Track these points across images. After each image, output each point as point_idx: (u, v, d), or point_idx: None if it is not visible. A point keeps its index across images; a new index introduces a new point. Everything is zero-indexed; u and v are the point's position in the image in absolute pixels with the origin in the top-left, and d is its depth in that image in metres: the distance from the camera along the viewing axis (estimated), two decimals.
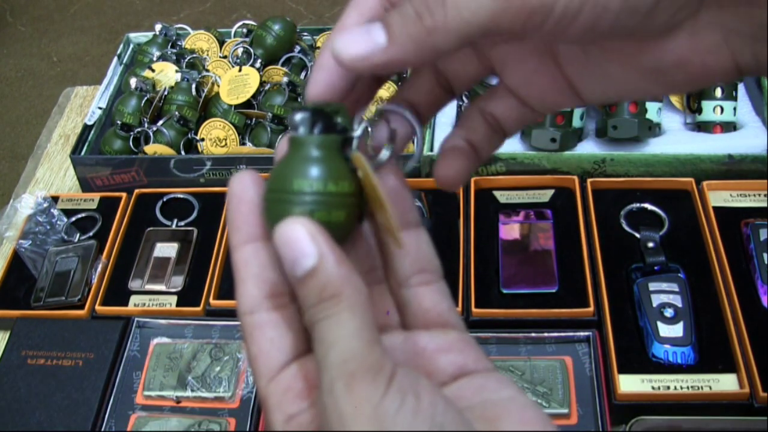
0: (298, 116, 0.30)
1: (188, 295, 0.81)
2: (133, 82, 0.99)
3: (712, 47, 0.29)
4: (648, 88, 0.31)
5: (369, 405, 0.25)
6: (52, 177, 1.01)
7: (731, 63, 0.29)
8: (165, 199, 0.90)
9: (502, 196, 0.85)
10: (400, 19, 0.28)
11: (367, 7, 0.31)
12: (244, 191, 0.31)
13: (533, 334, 0.72)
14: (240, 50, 1.03)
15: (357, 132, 0.31)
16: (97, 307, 0.80)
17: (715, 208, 0.80)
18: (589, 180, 0.83)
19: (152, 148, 0.93)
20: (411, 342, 0.32)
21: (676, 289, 0.72)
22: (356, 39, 0.29)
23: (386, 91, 0.94)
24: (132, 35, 1.12)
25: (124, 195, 0.91)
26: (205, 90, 0.99)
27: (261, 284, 0.30)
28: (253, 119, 0.97)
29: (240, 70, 0.99)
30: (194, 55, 1.05)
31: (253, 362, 0.30)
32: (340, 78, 0.31)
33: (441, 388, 0.30)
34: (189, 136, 0.96)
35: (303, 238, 0.28)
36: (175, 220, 0.88)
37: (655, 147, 0.85)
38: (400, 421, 0.25)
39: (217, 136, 0.94)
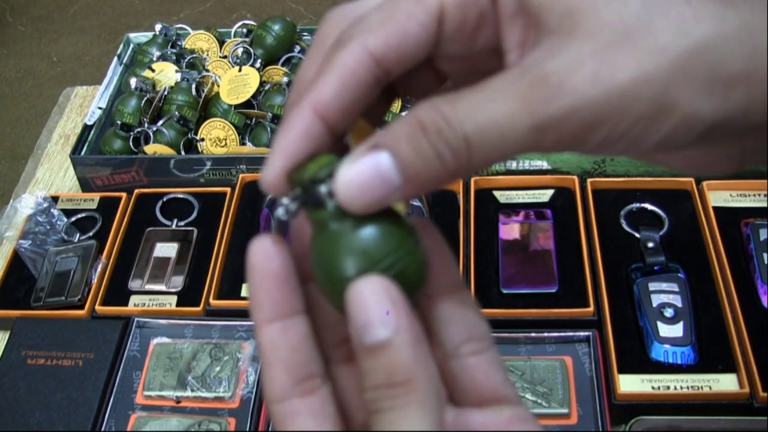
0: (312, 191, 0.27)
1: (188, 295, 0.81)
2: (133, 82, 0.99)
3: (723, 158, 0.28)
4: (635, 158, 0.30)
5: None
6: (52, 177, 1.01)
7: (739, 165, 0.28)
8: (165, 199, 0.90)
9: (502, 196, 0.85)
10: (416, 159, 0.25)
11: (352, 72, 0.27)
12: (266, 262, 0.28)
13: (533, 334, 0.72)
14: (240, 50, 1.03)
15: None
16: (97, 307, 0.80)
17: (715, 208, 0.80)
18: (589, 180, 0.84)
19: (152, 148, 0.93)
20: (463, 422, 0.29)
21: (676, 289, 0.72)
22: (365, 179, 0.25)
23: None
24: (132, 35, 1.12)
25: (124, 195, 0.91)
26: (205, 90, 0.99)
27: (291, 369, 0.27)
28: (253, 119, 0.97)
29: (240, 70, 0.99)
30: (194, 55, 1.05)
31: None
32: (322, 135, 0.27)
33: None
34: (189, 136, 0.96)
35: (381, 303, 0.25)
36: (175, 220, 0.88)
37: (659, 150, 0.85)
38: None
39: (217, 136, 0.94)
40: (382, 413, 0.25)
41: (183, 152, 0.94)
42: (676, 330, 0.70)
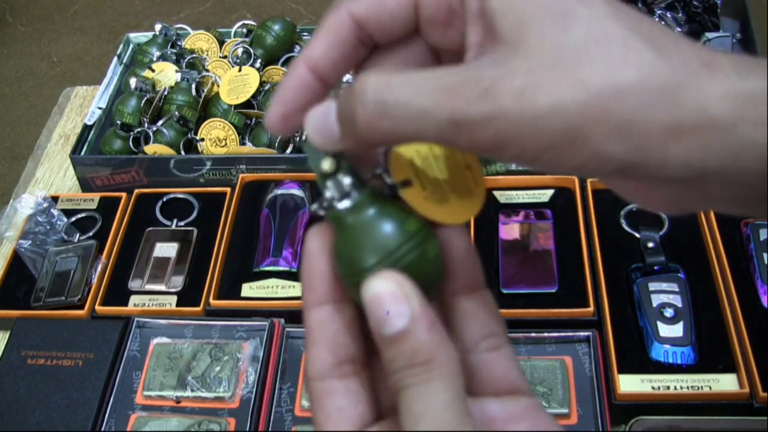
0: (332, 190, 0.29)
1: (188, 295, 0.81)
2: (133, 82, 0.99)
3: (661, 199, 0.29)
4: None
5: None
6: (52, 177, 1.01)
7: (677, 209, 0.29)
8: (165, 199, 0.90)
9: (502, 196, 0.85)
10: (341, 112, 0.28)
11: (338, 32, 0.30)
12: (321, 248, 0.30)
13: (533, 334, 0.72)
14: (240, 50, 1.03)
15: (379, 171, 0.30)
16: (97, 307, 0.80)
17: None
18: (589, 180, 0.83)
19: (152, 148, 0.93)
20: (480, 410, 0.30)
21: (676, 289, 0.72)
22: (320, 124, 0.29)
23: None
24: (132, 35, 1.12)
25: (124, 195, 0.91)
26: (205, 90, 0.99)
27: (335, 349, 0.29)
28: (253, 119, 0.97)
29: (240, 70, 0.99)
30: (194, 55, 1.05)
31: (318, 428, 0.29)
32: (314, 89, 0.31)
33: None
34: (189, 136, 0.96)
35: (395, 296, 0.27)
36: (175, 220, 0.88)
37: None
38: None
39: (217, 136, 0.94)
40: (406, 390, 0.26)
41: (183, 152, 0.94)
42: (676, 330, 0.70)
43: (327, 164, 0.29)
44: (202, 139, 0.94)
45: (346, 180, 0.29)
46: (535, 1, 0.26)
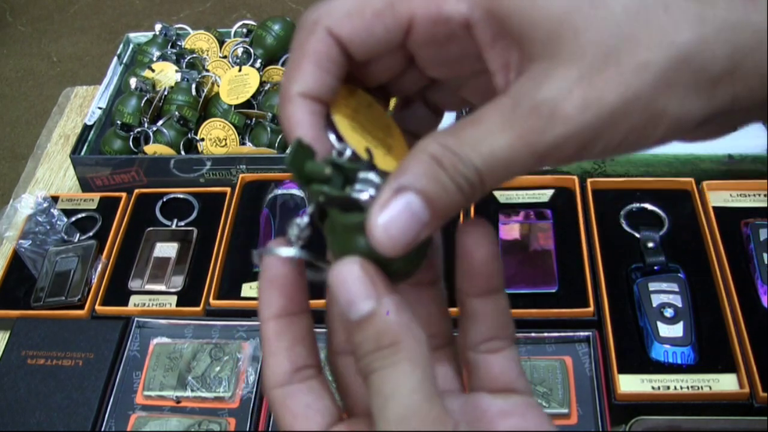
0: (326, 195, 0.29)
1: (188, 295, 0.81)
2: (133, 82, 0.99)
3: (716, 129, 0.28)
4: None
5: None
6: (52, 177, 1.01)
7: (730, 129, 0.29)
8: (165, 199, 0.90)
9: (502, 196, 0.85)
10: (442, 193, 0.26)
11: (324, 55, 0.29)
12: (278, 266, 0.30)
13: (533, 334, 0.72)
14: (240, 50, 1.03)
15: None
16: (97, 307, 0.80)
17: (715, 208, 0.80)
18: (588, 180, 0.83)
19: (152, 148, 0.93)
20: (472, 404, 0.30)
21: (676, 289, 0.72)
22: (399, 221, 0.26)
23: None
24: (132, 35, 1.12)
25: (124, 195, 0.91)
26: (205, 90, 0.99)
27: (293, 357, 0.29)
28: (253, 119, 0.97)
29: (240, 70, 0.99)
30: (194, 55, 1.05)
31: (287, 429, 0.29)
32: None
33: None
34: (189, 136, 0.96)
35: (359, 280, 0.27)
36: (175, 220, 0.88)
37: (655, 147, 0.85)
38: None
39: (217, 136, 0.94)
40: (374, 373, 0.26)
41: (183, 152, 0.94)
42: (676, 330, 0.70)
43: (328, 170, 0.29)
44: (202, 139, 0.94)
45: (372, 175, 0.28)
46: (559, 3, 0.25)
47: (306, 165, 0.29)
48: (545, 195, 0.84)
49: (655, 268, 0.75)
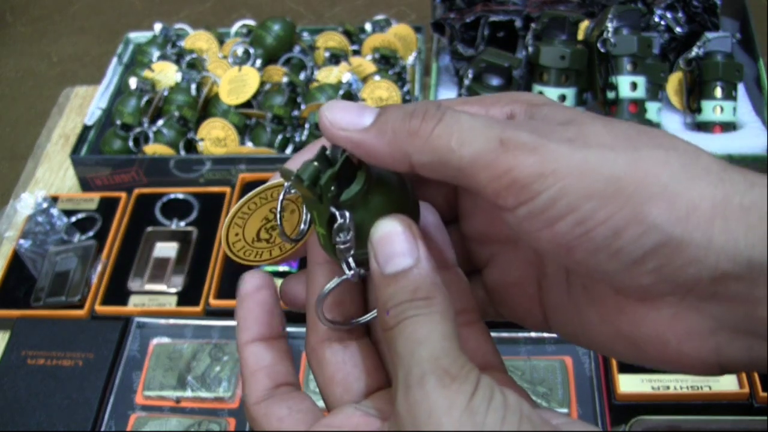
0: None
1: (188, 295, 0.81)
2: (133, 82, 0.99)
3: (694, 334, 0.27)
4: (618, 351, 0.30)
5: (463, 399, 0.25)
6: (52, 177, 1.01)
7: (713, 357, 0.27)
8: (165, 199, 0.90)
9: None
10: (394, 112, 0.28)
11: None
12: (255, 291, 0.32)
13: (533, 334, 0.72)
14: (240, 50, 1.03)
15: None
16: (97, 307, 0.80)
17: None
18: None
19: (152, 148, 0.93)
20: None
21: None
22: (347, 112, 0.29)
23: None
24: (132, 35, 1.12)
25: (123, 195, 0.91)
26: (205, 90, 0.99)
27: (272, 375, 0.31)
28: (253, 119, 0.97)
29: (240, 70, 0.99)
30: (194, 55, 1.05)
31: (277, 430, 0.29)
32: None
33: None
34: (189, 136, 0.96)
35: (402, 236, 0.28)
36: (175, 220, 0.88)
37: None
38: (492, 415, 0.25)
39: (216, 136, 0.94)
40: (408, 320, 0.27)
41: (183, 152, 0.94)
42: None
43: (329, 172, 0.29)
44: (202, 139, 0.94)
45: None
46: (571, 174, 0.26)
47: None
48: None
49: None
